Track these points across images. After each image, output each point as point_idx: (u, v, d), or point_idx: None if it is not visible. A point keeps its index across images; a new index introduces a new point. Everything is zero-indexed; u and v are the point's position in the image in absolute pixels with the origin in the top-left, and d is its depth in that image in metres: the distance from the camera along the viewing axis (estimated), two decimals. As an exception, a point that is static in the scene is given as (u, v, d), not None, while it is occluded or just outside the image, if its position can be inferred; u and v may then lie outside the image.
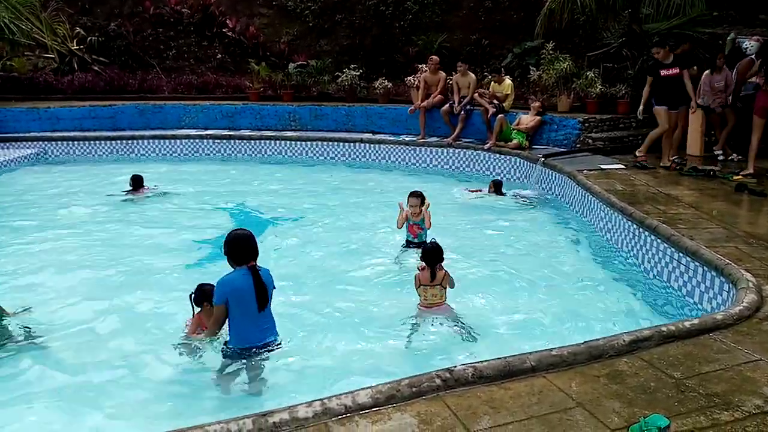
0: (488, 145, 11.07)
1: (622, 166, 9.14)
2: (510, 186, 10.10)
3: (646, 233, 6.17)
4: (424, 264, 5.08)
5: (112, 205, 9.13)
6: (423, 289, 5.06)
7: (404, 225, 6.71)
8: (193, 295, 4.61)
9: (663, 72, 8.72)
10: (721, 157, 9.41)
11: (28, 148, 12.67)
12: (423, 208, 6.58)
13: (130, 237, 7.61)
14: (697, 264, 5.25)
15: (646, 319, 5.12)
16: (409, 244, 6.69)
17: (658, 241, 5.92)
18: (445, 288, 5.09)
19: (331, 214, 8.63)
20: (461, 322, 4.96)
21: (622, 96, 11.15)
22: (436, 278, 5.03)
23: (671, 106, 8.85)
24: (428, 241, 5.39)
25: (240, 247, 4.10)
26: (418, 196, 6.65)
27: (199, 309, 4.60)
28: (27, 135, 13.06)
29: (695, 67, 9.45)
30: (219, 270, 6.33)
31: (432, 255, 5.05)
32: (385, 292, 5.80)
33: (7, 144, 12.72)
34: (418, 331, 4.88)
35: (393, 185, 10.45)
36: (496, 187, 9.35)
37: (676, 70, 8.69)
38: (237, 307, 4.04)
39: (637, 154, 9.28)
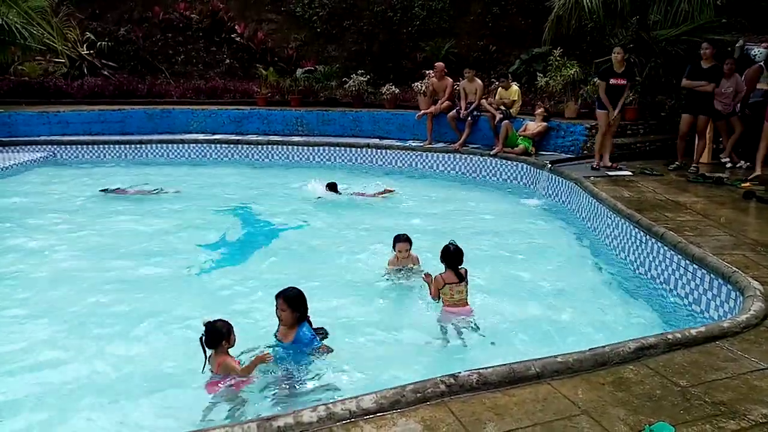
0: (495, 150, 11.07)
1: (629, 173, 9.11)
2: (519, 191, 10.14)
3: (653, 240, 6.15)
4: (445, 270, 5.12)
5: (120, 208, 9.20)
6: (449, 288, 5.09)
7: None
8: (203, 338, 4.04)
9: (612, 81, 9.21)
10: (728, 165, 9.37)
11: (38, 151, 12.79)
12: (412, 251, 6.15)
13: (136, 240, 7.65)
14: (704, 271, 5.23)
15: (652, 326, 5.09)
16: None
17: (665, 248, 5.90)
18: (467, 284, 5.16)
19: (336, 220, 8.65)
20: (475, 325, 5.00)
21: (630, 103, 11.09)
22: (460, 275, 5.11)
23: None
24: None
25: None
26: (406, 240, 6.10)
27: (212, 351, 4.07)
28: (37, 138, 13.17)
29: (712, 84, 9.01)
30: (223, 275, 6.46)
31: (455, 257, 5.10)
32: (390, 297, 5.81)
33: (18, 147, 12.85)
34: (443, 335, 4.93)
35: (400, 191, 10.47)
36: (331, 188, 9.74)
37: (623, 81, 9.17)
38: None
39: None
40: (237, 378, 4.01)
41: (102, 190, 9.94)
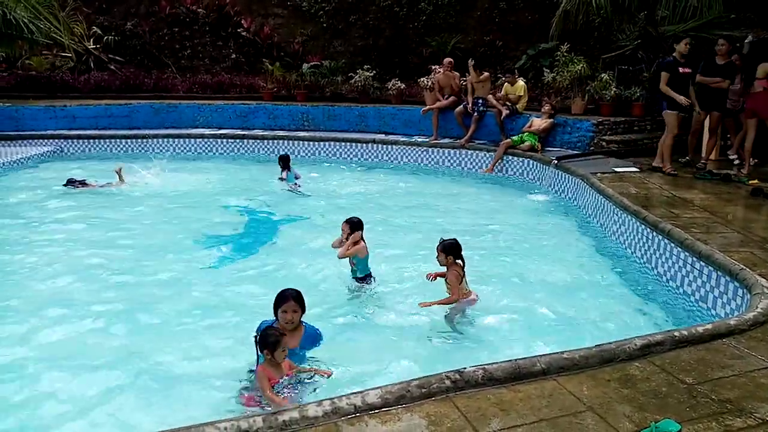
0: (484, 170, 10.93)
1: (636, 169, 9.07)
2: (525, 187, 10.12)
3: (660, 237, 6.12)
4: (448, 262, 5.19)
5: (124, 202, 9.23)
6: (465, 282, 5.20)
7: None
8: (257, 337, 3.85)
9: (681, 69, 8.62)
10: (736, 162, 9.31)
11: (45, 145, 12.84)
12: (351, 235, 5.72)
13: (142, 234, 7.67)
14: (711, 269, 5.21)
15: (659, 323, 5.08)
16: (357, 279, 5.83)
17: (672, 245, 5.87)
18: None
19: (341, 215, 8.61)
20: (480, 320, 5.08)
21: (637, 99, 11.08)
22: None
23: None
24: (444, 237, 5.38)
25: None
26: (347, 222, 5.81)
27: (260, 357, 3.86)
28: (44, 133, 13.22)
29: (727, 81, 8.85)
30: (232, 270, 6.46)
31: (459, 248, 5.20)
32: (395, 291, 5.79)
33: (25, 141, 12.90)
34: (448, 330, 4.97)
35: (403, 187, 10.47)
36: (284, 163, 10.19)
37: (689, 69, 8.67)
38: None
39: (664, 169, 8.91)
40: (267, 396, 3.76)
41: (66, 184, 9.86)
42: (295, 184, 10.05)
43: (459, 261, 5.20)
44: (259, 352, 3.84)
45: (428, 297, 5.29)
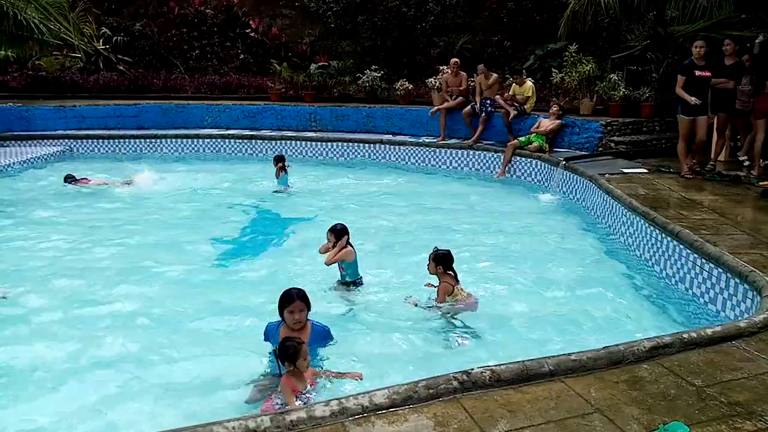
0: (497, 175, 10.90)
1: (645, 170, 9.03)
2: (533, 188, 10.10)
3: (669, 239, 6.09)
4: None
5: (130, 202, 9.28)
6: (457, 289, 5.24)
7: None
8: (277, 351, 3.82)
9: (698, 72, 8.34)
10: (746, 163, 9.24)
11: (54, 145, 12.94)
12: (338, 243, 5.66)
13: (146, 234, 7.71)
14: (720, 270, 5.18)
15: (667, 325, 5.06)
16: (342, 284, 5.84)
17: (681, 246, 5.84)
18: None
19: (349, 215, 8.63)
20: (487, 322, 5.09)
21: (646, 99, 11.02)
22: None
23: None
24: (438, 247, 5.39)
25: None
26: (331, 231, 5.75)
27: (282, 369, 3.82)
28: (54, 133, 13.32)
29: (732, 81, 8.67)
30: (234, 270, 6.49)
31: (451, 259, 5.22)
32: (399, 292, 5.78)
33: (35, 141, 13.00)
34: (455, 331, 4.98)
35: (411, 187, 10.47)
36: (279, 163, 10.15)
37: (708, 73, 8.41)
38: None
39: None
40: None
41: (66, 181, 9.98)
42: (287, 187, 10.09)
43: (450, 272, 5.23)
44: (281, 365, 3.78)
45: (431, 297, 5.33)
